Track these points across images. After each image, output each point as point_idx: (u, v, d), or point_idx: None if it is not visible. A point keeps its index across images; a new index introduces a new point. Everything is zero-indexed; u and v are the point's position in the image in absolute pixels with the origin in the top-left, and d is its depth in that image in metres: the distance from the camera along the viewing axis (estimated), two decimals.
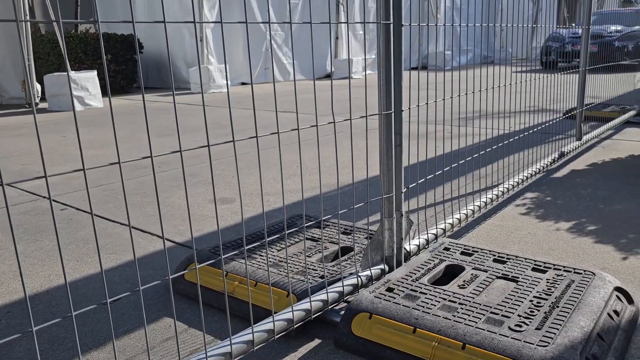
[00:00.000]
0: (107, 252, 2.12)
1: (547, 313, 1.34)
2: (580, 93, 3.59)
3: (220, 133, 4.76)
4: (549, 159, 3.09)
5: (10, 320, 1.62)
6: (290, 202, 2.67)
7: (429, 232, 1.88)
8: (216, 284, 1.65)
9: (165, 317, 1.61)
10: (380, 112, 1.56)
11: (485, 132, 4.29)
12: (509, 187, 2.53)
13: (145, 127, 5.21)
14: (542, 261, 1.65)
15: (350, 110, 1.17)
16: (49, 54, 8.03)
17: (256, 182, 3.07)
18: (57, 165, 3.69)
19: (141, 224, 2.43)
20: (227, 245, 1.87)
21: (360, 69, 11.35)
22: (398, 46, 1.54)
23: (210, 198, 2.79)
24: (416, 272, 1.61)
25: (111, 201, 2.79)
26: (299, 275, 1.62)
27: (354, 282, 1.55)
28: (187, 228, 2.35)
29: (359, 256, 1.75)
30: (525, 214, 2.41)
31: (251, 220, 2.42)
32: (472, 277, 1.57)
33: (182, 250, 2.11)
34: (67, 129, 5.33)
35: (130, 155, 3.93)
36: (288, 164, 3.48)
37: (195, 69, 8.81)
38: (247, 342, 1.27)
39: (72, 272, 1.95)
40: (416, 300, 1.43)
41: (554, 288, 1.48)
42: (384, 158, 1.61)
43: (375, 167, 3.32)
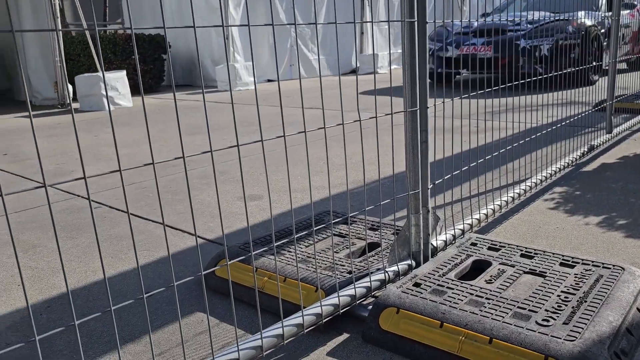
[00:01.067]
0: (140, 248, 2.19)
1: (575, 308, 1.34)
2: (611, 85, 3.52)
3: (247, 130, 4.82)
4: (578, 152, 3.05)
5: (50, 315, 1.69)
6: (317, 198, 2.70)
7: (455, 228, 1.89)
8: (246, 279, 1.70)
9: (197, 312, 1.66)
10: (405, 110, 1.58)
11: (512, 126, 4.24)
12: (537, 182, 2.51)
13: (173, 126, 5.30)
14: (570, 256, 1.65)
15: (376, 107, 1.19)
16: (80, 55, 8.21)
17: (283, 179, 3.11)
18: (90, 164, 3.80)
19: (172, 221, 2.49)
20: (256, 241, 1.91)
21: (385, 63, 11.31)
22: (422, 44, 1.55)
23: (238, 195, 2.84)
24: (443, 267, 1.62)
25: (143, 199, 2.87)
26: (327, 270, 1.65)
27: (382, 278, 1.57)
28: (217, 225, 2.40)
29: (386, 252, 1.77)
30: (553, 208, 2.39)
31: (279, 217, 2.46)
32: (499, 272, 1.57)
33: (212, 247, 2.16)
34: (98, 128, 5.46)
35: (160, 154, 4.01)
36: (315, 161, 3.51)
37: (221, 67, 8.91)
38: (277, 336, 1.31)
39: (107, 268, 2.01)
40: (443, 295, 1.45)
41: (582, 283, 1.47)
42: (409, 155, 1.62)
43: (401, 162, 3.32)
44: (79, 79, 7.05)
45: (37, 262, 2.09)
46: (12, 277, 1.98)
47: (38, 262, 2.10)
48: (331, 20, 10.56)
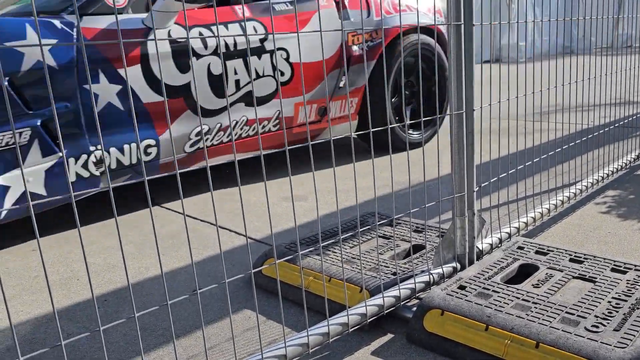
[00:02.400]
0: None
1: (627, 315, 1.32)
2: None
3: None
4: (633, 154, 2.95)
5: (107, 309, 1.78)
6: (361, 200, 2.72)
7: (502, 231, 1.87)
8: (292, 278, 1.73)
9: (244, 309, 1.71)
10: (451, 112, 1.58)
11: (562, 127, 4.14)
12: (588, 185, 2.46)
13: None
14: (622, 261, 1.61)
15: (422, 110, 1.20)
16: None
17: (327, 179, 3.14)
18: None
19: (220, 220, 2.56)
20: (302, 242, 1.95)
21: None
22: (469, 47, 1.55)
23: (283, 196, 2.89)
24: (489, 270, 1.62)
25: (191, 199, 2.96)
26: (372, 271, 1.66)
27: (426, 280, 1.58)
28: (262, 224, 2.46)
29: (431, 254, 1.77)
30: (605, 212, 2.33)
31: (323, 218, 2.49)
32: (547, 277, 1.55)
33: (258, 246, 2.22)
34: None
35: None
36: (359, 163, 3.53)
37: None
38: (323, 334, 1.34)
39: (158, 265, 2.10)
40: (488, 299, 1.44)
41: (635, 289, 1.44)
42: (455, 157, 1.62)
43: (446, 164, 3.30)
44: None
45: (95, 259, 2.20)
46: (71, 272, 2.08)
47: (95, 258, 2.20)
48: None
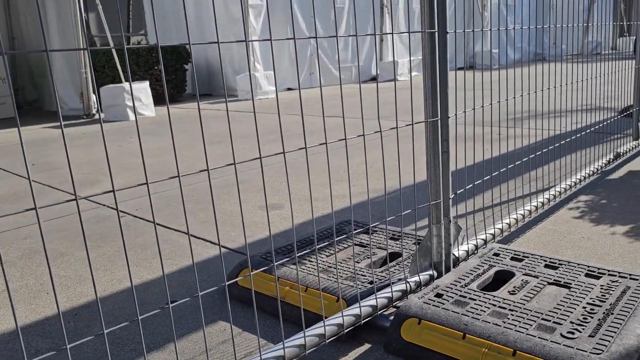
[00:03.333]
0: (163, 257, 2.22)
1: (601, 320, 1.32)
2: (637, 90, 3.47)
3: (268, 139, 4.85)
4: (604, 160, 3.00)
5: (78, 323, 1.72)
6: (338, 208, 2.71)
7: (478, 238, 1.88)
8: (268, 289, 1.71)
9: (220, 321, 1.67)
10: (426, 120, 1.58)
11: (536, 133, 4.20)
12: (561, 190, 2.48)
13: (195, 135, 5.37)
14: (596, 267, 1.62)
15: (397, 117, 1.20)
16: (104, 67, 8.38)
17: (304, 188, 3.12)
18: (115, 174, 3.87)
19: (195, 230, 2.52)
20: (278, 251, 1.92)
21: (405, 71, 11.29)
22: (443, 54, 1.55)
23: (259, 204, 2.86)
24: (465, 278, 1.61)
25: (166, 208, 2.91)
26: (348, 280, 1.65)
27: (403, 288, 1.57)
28: (238, 234, 2.42)
29: (408, 262, 1.76)
30: (578, 217, 2.36)
31: (300, 226, 2.47)
32: (523, 283, 1.56)
33: (234, 256, 2.18)
34: (122, 138, 5.56)
35: (183, 163, 4.06)
36: (335, 169, 3.52)
37: (242, 76, 9.00)
38: (299, 346, 1.32)
39: (132, 277, 2.05)
40: (465, 306, 1.44)
41: (609, 294, 1.45)
42: (430, 165, 1.62)
43: (422, 171, 3.31)
44: (104, 90, 7.19)
45: (65, 271, 2.14)
46: (41, 285, 2.02)
47: (66, 270, 2.14)
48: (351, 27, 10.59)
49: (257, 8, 9.13)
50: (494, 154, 3.60)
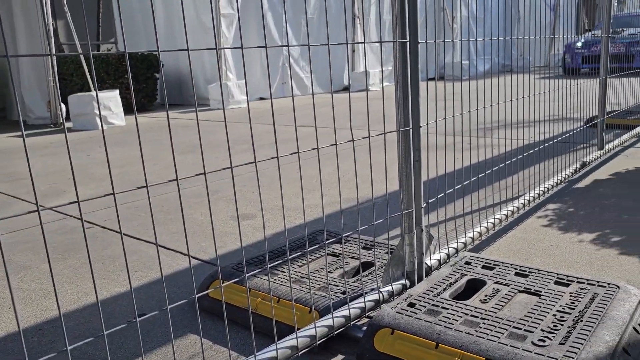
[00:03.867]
0: (132, 269, 2.17)
1: (571, 327, 1.34)
2: (601, 101, 3.56)
3: (240, 149, 4.82)
4: (570, 169, 3.06)
5: (41, 338, 1.66)
6: (310, 217, 2.69)
7: (449, 246, 1.88)
8: (240, 300, 1.68)
9: (190, 334, 1.64)
10: (398, 129, 1.58)
11: (505, 143, 4.27)
12: (530, 199, 2.52)
13: (166, 144, 5.30)
14: (565, 274, 1.65)
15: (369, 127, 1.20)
16: (73, 75, 8.22)
17: (276, 197, 3.10)
18: (83, 184, 3.78)
19: (165, 241, 2.47)
20: (250, 262, 1.89)
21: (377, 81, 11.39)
22: (415, 64, 1.56)
23: (231, 214, 2.83)
24: (437, 287, 1.62)
25: (135, 219, 2.85)
26: (321, 291, 1.63)
27: (376, 298, 1.56)
28: (210, 245, 2.39)
29: (380, 271, 1.76)
30: (547, 225, 2.40)
31: (272, 237, 2.45)
32: (494, 292, 1.57)
33: (205, 267, 2.15)
34: (91, 147, 5.45)
35: (154, 173, 4.00)
36: (308, 179, 3.51)
37: (213, 85, 8.94)
38: (270, 358, 1.29)
39: (99, 289, 1.99)
40: (438, 316, 1.44)
41: (578, 302, 1.47)
42: (402, 174, 1.62)
43: (394, 180, 3.33)
44: (72, 98, 7.05)
45: (29, 284, 2.07)
46: (2, 300, 1.95)
47: (29, 284, 2.07)
48: (323, 37, 10.64)
49: (229, 17, 9.11)
50: (464, 164, 3.65)
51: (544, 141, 3.35)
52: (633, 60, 10.79)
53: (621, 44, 10.83)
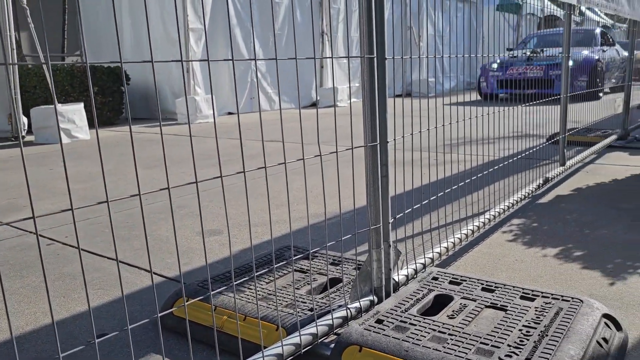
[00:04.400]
0: (94, 287, 2.10)
1: (537, 342, 1.35)
2: (563, 118, 3.66)
3: (207, 164, 4.77)
4: (534, 184, 3.13)
5: None
6: (278, 233, 2.67)
7: (417, 262, 1.89)
8: (205, 318, 1.64)
9: (153, 354, 1.59)
10: (365, 144, 1.59)
11: (471, 159, 4.34)
12: (495, 214, 2.56)
13: (131, 159, 5.20)
14: (530, 289, 1.66)
15: (337, 142, 1.19)
16: (36, 87, 8.03)
17: (243, 213, 3.06)
18: (44, 199, 3.67)
19: (128, 258, 2.41)
20: (216, 278, 1.86)
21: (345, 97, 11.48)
22: (382, 79, 1.57)
23: (197, 230, 2.78)
24: (405, 302, 1.61)
25: (98, 235, 2.77)
26: (288, 308, 1.61)
27: (344, 315, 1.55)
28: (174, 261, 2.33)
29: (348, 287, 1.75)
30: (512, 240, 2.43)
31: (239, 253, 2.41)
32: (461, 307, 1.57)
33: (170, 285, 2.09)
34: (53, 162, 5.30)
35: (118, 188, 3.91)
36: (275, 194, 3.48)
37: (181, 99, 8.86)
38: None
39: (58, 308, 1.92)
40: (406, 332, 1.43)
41: (543, 316, 1.48)
42: (370, 189, 1.62)
43: (362, 196, 3.33)
44: (34, 111, 6.87)
45: None
46: None
47: None
48: (290, 54, 10.69)
49: (197, 32, 9.07)
50: (431, 179, 3.68)
51: (507, 157, 3.42)
52: (553, 85, 9.11)
53: (539, 67, 9.49)
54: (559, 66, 9.00)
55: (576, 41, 10.44)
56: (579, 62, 9.57)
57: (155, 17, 9.25)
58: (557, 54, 9.57)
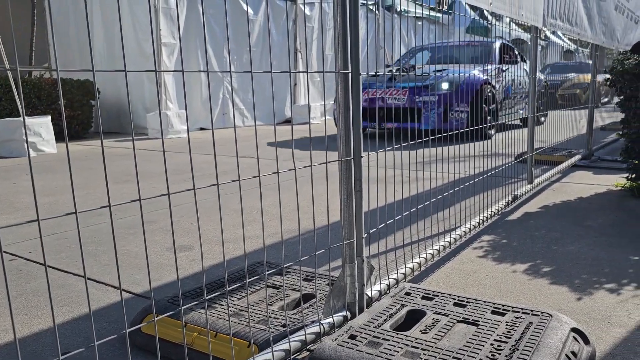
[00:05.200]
0: (59, 304, 2.03)
1: (508, 357, 1.36)
2: (530, 138, 3.75)
3: (178, 179, 4.71)
4: (503, 202, 3.18)
5: None
6: (250, 249, 2.64)
7: (390, 277, 1.89)
8: (175, 335, 1.60)
9: None
10: (340, 159, 1.59)
11: (442, 176, 4.39)
12: (466, 230, 2.59)
13: (100, 173, 5.10)
14: (500, 304, 1.68)
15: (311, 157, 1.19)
16: (1, 99, 7.84)
17: (215, 228, 3.03)
18: (7, 213, 3.56)
19: (95, 274, 2.35)
20: (187, 294, 1.82)
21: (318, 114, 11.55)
22: (356, 94, 1.58)
23: (167, 246, 2.74)
24: (378, 318, 1.61)
25: (64, 250, 2.70)
26: (261, 324, 1.59)
27: (317, 330, 1.53)
28: (144, 277, 2.28)
29: (321, 303, 1.73)
30: (482, 256, 2.46)
31: (211, 268, 2.38)
32: (434, 322, 1.57)
33: (138, 301, 2.05)
34: (17, 175, 5.16)
35: (86, 203, 3.82)
36: (248, 210, 3.46)
37: (152, 114, 8.76)
38: None
39: (20, 327, 1.85)
40: (379, 347, 1.42)
41: (514, 331, 1.50)
42: (344, 204, 1.62)
43: (336, 211, 3.34)
44: None
45: None
46: None
47: None
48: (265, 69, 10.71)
49: (170, 47, 9.03)
50: (403, 195, 3.71)
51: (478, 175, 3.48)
52: (421, 117, 6.71)
53: (401, 91, 6.70)
54: (430, 89, 6.67)
55: (469, 57, 8.02)
56: (457, 84, 6.82)
57: (128, 30, 9.17)
58: (432, 72, 6.83)
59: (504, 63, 8.06)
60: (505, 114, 7.75)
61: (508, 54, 8.35)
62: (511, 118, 7.89)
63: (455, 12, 15.33)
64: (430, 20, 15.50)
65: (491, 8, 2.65)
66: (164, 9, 8.85)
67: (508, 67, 8.03)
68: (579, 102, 13.78)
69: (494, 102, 7.39)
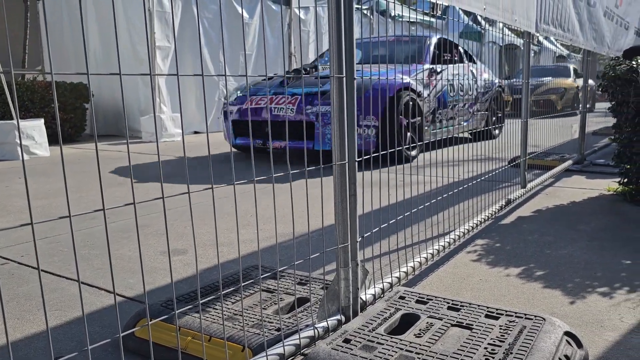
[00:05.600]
0: (51, 308, 2.02)
1: None
2: (523, 142, 3.77)
3: (173, 181, 4.69)
4: (496, 206, 3.19)
5: None
6: (245, 252, 2.64)
7: (384, 281, 1.89)
8: (168, 339, 1.60)
9: None
10: (334, 162, 1.59)
11: (436, 180, 4.40)
12: (460, 234, 2.59)
13: (93, 177, 5.08)
14: (494, 308, 1.68)
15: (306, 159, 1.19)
16: None
17: (209, 232, 3.02)
18: (0, 217, 3.54)
19: (88, 277, 2.34)
20: (180, 298, 1.82)
21: None
22: (351, 98, 1.59)
23: (161, 249, 2.73)
24: (373, 322, 1.61)
25: (57, 254, 2.68)
26: (255, 328, 1.58)
27: (311, 334, 1.53)
28: (137, 281, 2.27)
29: (316, 307, 1.73)
30: (476, 260, 2.47)
31: (205, 272, 2.37)
32: (428, 326, 1.58)
33: (132, 305, 2.04)
34: (9, 178, 5.13)
35: (78, 206, 3.81)
36: (242, 214, 3.45)
37: (146, 117, 8.74)
38: None
39: (12, 331, 1.84)
40: (373, 351, 1.42)
41: (507, 334, 1.50)
42: (338, 207, 1.63)
43: (330, 215, 3.34)
44: None
45: None
46: None
47: None
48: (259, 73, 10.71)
49: (164, 50, 9.02)
50: (398, 199, 3.72)
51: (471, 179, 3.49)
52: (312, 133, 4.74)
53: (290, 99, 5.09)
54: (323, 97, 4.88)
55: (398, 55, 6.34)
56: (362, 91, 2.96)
57: (122, 34, 9.15)
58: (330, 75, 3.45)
59: (442, 63, 6.40)
60: (441, 127, 6.24)
61: (449, 52, 6.70)
62: (450, 132, 6.49)
63: (449, 17, 15.41)
64: (425, 25, 15.56)
65: (485, 13, 2.67)
66: (158, 13, 8.85)
67: (445, 68, 6.37)
68: (554, 110, 12.68)
69: (419, 113, 5.71)
